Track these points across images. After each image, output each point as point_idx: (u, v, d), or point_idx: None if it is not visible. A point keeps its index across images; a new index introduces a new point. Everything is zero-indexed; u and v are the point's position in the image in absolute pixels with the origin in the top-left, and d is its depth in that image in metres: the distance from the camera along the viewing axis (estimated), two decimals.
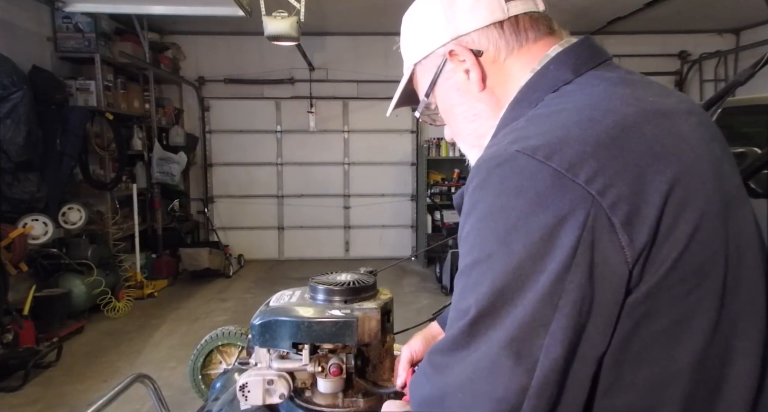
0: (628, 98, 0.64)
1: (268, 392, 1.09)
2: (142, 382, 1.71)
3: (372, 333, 1.09)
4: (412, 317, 1.19)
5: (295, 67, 7.50)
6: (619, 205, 0.54)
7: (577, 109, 0.63)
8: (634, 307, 0.56)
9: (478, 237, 0.60)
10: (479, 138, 0.79)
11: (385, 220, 8.01)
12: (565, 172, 0.55)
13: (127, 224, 5.94)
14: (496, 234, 0.58)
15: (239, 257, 7.39)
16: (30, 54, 4.87)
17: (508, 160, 0.59)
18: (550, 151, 0.57)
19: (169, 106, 7.30)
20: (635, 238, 0.55)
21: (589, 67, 0.71)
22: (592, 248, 0.54)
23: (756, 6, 5.16)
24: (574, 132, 0.59)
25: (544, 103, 0.68)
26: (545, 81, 0.71)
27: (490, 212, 0.59)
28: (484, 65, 0.76)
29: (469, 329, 0.57)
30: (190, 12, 4.98)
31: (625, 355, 0.57)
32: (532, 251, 0.55)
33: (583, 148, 0.57)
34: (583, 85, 0.68)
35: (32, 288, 4.25)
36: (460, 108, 0.80)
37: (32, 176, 4.51)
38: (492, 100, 0.77)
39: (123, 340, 4.57)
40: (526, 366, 0.54)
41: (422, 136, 7.78)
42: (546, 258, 0.55)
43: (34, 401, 3.46)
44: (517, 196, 0.57)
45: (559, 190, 0.55)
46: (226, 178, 7.86)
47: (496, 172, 0.60)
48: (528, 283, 0.55)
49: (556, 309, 0.54)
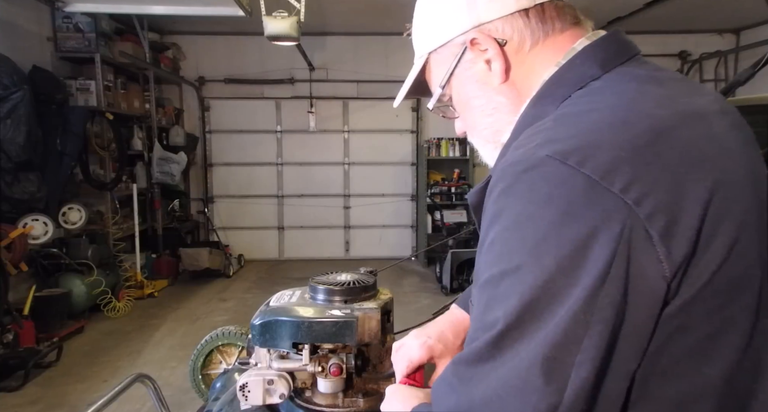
0: (662, 99, 0.61)
1: (268, 392, 1.09)
2: (142, 382, 1.71)
3: (372, 333, 1.09)
4: (412, 317, 1.19)
5: (295, 67, 7.50)
6: (656, 215, 0.51)
7: (609, 109, 0.59)
8: (667, 321, 0.54)
9: (506, 247, 0.57)
10: (496, 133, 0.76)
11: (385, 220, 8.01)
12: (599, 179, 0.52)
13: (127, 224, 5.94)
14: (524, 245, 0.55)
15: (239, 257, 7.39)
16: (30, 54, 4.87)
17: (537, 165, 0.55)
18: (582, 156, 0.54)
19: (169, 106, 7.30)
20: (674, 250, 0.52)
21: (618, 62, 0.67)
22: (628, 262, 0.51)
23: (756, 6, 5.16)
24: (607, 136, 0.55)
25: (571, 101, 0.64)
26: (571, 76, 0.67)
27: (518, 221, 0.56)
28: (509, 55, 0.71)
29: (495, 342, 0.55)
30: (190, 12, 4.98)
31: (655, 369, 0.55)
32: (563, 264, 0.52)
33: (617, 153, 0.53)
34: (613, 82, 0.64)
35: (32, 288, 4.25)
36: (477, 101, 0.76)
37: (32, 176, 4.51)
38: (513, 94, 0.73)
39: (123, 340, 4.57)
40: (557, 385, 0.52)
41: (422, 136, 7.78)
42: (578, 272, 0.52)
43: (34, 401, 3.46)
44: (547, 205, 0.54)
45: (592, 200, 0.52)
46: (226, 178, 7.86)
47: (524, 178, 0.56)
48: (559, 298, 0.52)
49: (589, 325, 0.51)
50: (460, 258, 5.89)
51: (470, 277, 5.87)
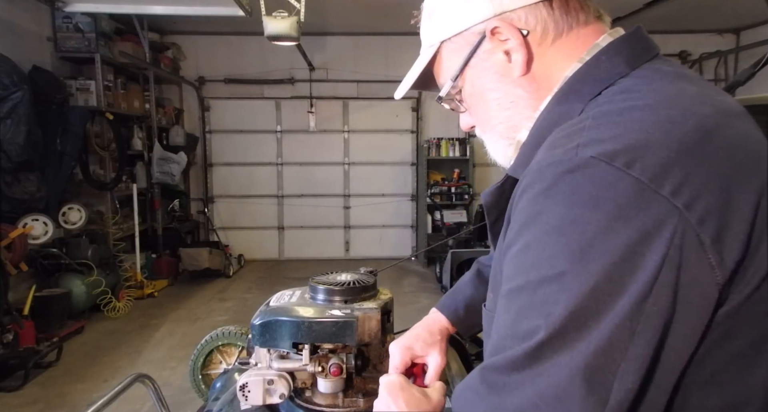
0: (699, 97, 0.58)
1: (268, 392, 1.09)
2: (143, 382, 1.71)
3: (372, 333, 1.09)
4: (412, 317, 1.18)
5: (295, 67, 7.50)
6: (708, 219, 0.49)
7: (651, 107, 0.56)
8: (713, 328, 0.52)
9: (545, 252, 0.54)
10: (511, 129, 0.72)
11: (385, 220, 8.01)
12: (648, 182, 0.50)
13: (127, 224, 5.94)
14: (569, 251, 0.52)
15: (239, 257, 7.39)
16: (30, 54, 4.87)
17: (582, 166, 0.53)
18: (630, 157, 0.51)
19: (169, 106, 7.30)
20: (726, 256, 0.50)
21: (644, 59, 0.64)
22: (679, 269, 0.49)
23: (756, 6, 5.16)
24: (654, 135, 0.53)
25: (605, 98, 0.61)
26: (598, 73, 0.64)
27: (561, 225, 0.53)
28: (531, 46, 0.68)
29: (535, 352, 0.52)
30: (190, 12, 4.98)
31: (697, 378, 0.53)
32: (612, 271, 0.50)
33: (666, 154, 0.51)
34: (645, 79, 0.61)
35: (32, 288, 4.25)
36: (494, 93, 0.72)
37: (32, 176, 4.51)
38: (532, 87, 0.69)
39: (123, 340, 4.57)
40: (600, 396, 0.49)
41: (422, 136, 7.78)
42: (626, 279, 0.49)
43: (34, 401, 3.46)
44: (593, 208, 0.51)
45: (641, 204, 0.50)
46: (226, 178, 7.86)
47: (567, 179, 0.53)
48: (606, 306, 0.50)
49: (635, 334, 0.49)
50: (460, 258, 5.88)
51: None
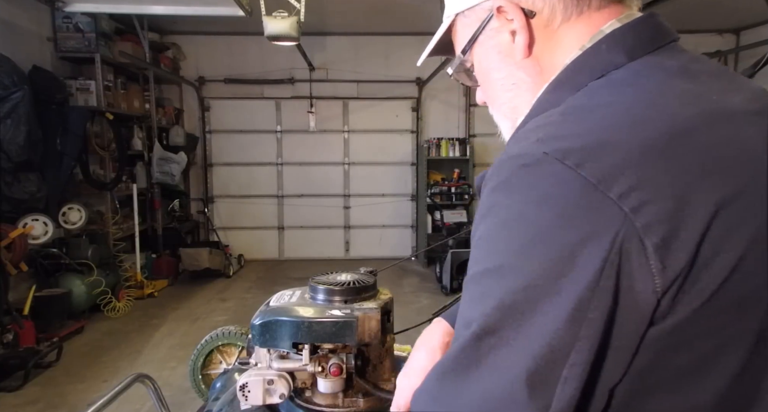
0: (688, 96, 0.55)
1: (268, 392, 1.09)
2: (142, 382, 1.71)
3: (372, 333, 1.09)
4: (412, 317, 1.18)
5: (295, 67, 7.50)
6: (654, 225, 0.48)
7: (625, 105, 0.55)
8: (657, 339, 0.50)
9: (492, 244, 0.54)
10: (514, 110, 0.71)
11: (385, 220, 8.01)
12: (597, 183, 0.49)
13: (127, 224, 5.94)
14: (511, 245, 0.52)
15: (239, 257, 7.39)
16: (30, 54, 4.87)
17: (536, 162, 0.52)
18: (583, 157, 0.50)
19: (169, 106, 7.31)
20: (669, 264, 0.48)
21: (648, 50, 0.60)
22: (619, 273, 0.48)
23: (756, 6, 5.16)
24: (617, 136, 0.51)
25: (587, 91, 0.59)
26: (594, 63, 0.61)
27: (508, 219, 0.53)
28: (534, 29, 0.65)
29: (473, 345, 0.52)
30: (190, 12, 4.99)
31: (642, 387, 0.52)
32: (549, 269, 0.49)
33: (623, 156, 0.49)
34: (637, 73, 0.59)
35: (32, 288, 4.26)
36: (498, 73, 0.71)
37: (32, 176, 4.51)
38: (535, 71, 0.67)
39: (123, 340, 4.57)
40: (543, 401, 0.49)
41: (422, 136, 7.78)
42: (563, 280, 0.49)
43: (34, 401, 3.46)
44: (541, 205, 0.51)
45: (587, 205, 0.49)
46: (226, 178, 7.86)
47: (521, 174, 0.53)
48: (541, 306, 0.49)
49: (577, 338, 0.48)
50: (460, 258, 5.88)
51: None
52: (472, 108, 7.84)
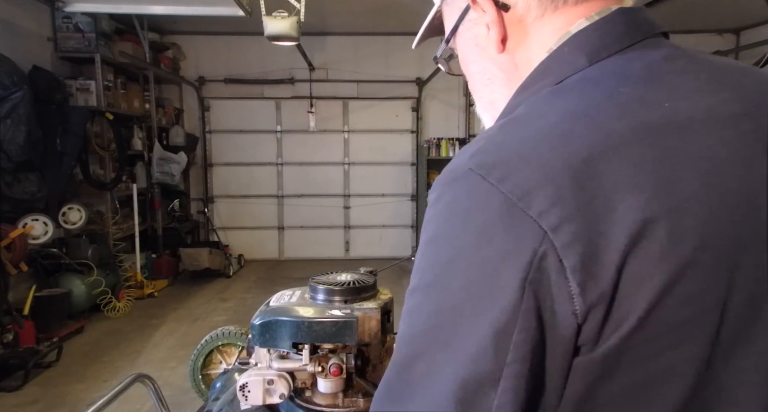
0: (631, 105, 0.51)
1: (268, 392, 1.09)
2: (142, 382, 1.71)
3: (372, 333, 1.09)
4: None
5: (295, 67, 7.50)
6: (573, 245, 0.45)
7: (556, 117, 0.51)
8: (588, 368, 0.47)
9: (422, 261, 0.52)
10: (492, 104, 0.69)
11: (385, 220, 8.01)
12: (516, 200, 0.46)
13: (127, 224, 5.94)
14: (437, 263, 0.50)
15: (239, 257, 7.39)
16: (30, 54, 4.87)
17: (461, 177, 0.50)
18: (504, 172, 0.48)
19: (169, 106, 7.30)
20: (588, 287, 0.45)
21: (613, 50, 0.56)
22: (540, 292, 0.45)
23: (756, 6, 5.16)
24: (540, 150, 0.48)
25: (534, 100, 0.57)
26: (554, 67, 0.58)
27: (436, 236, 0.51)
28: (508, 24, 0.61)
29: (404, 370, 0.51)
30: (190, 12, 4.99)
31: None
32: (471, 290, 0.47)
33: (543, 171, 0.47)
34: (585, 81, 0.55)
35: (32, 288, 4.25)
36: (475, 66, 0.68)
37: (32, 176, 4.51)
38: (509, 67, 0.64)
39: (123, 340, 4.57)
40: None
41: (422, 136, 7.78)
42: (485, 302, 0.46)
43: (34, 401, 3.46)
44: (463, 222, 0.49)
45: (507, 222, 0.46)
46: (226, 178, 7.86)
47: (448, 189, 0.51)
48: (465, 328, 0.47)
49: (504, 365, 0.45)
50: None
51: None
52: (472, 108, 7.83)
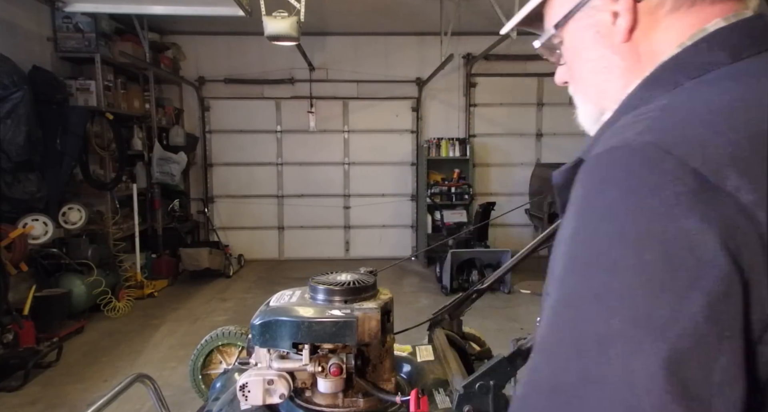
0: None
1: (268, 392, 1.09)
2: (143, 382, 1.71)
3: (372, 333, 1.09)
4: (412, 317, 1.18)
5: (295, 67, 7.50)
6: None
7: (724, 103, 0.52)
8: None
9: (596, 240, 0.49)
10: (600, 94, 0.68)
11: (385, 220, 8.01)
12: (709, 175, 0.46)
13: (127, 224, 5.94)
14: (623, 238, 0.47)
15: (239, 257, 7.39)
16: (30, 54, 4.87)
17: (638, 151, 0.49)
18: (691, 148, 0.48)
19: (169, 106, 7.31)
20: None
21: (752, 53, 0.56)
22: (741, 263, 0.44)
23: None
24: (719, 129, 0.49)
25: (686, 89, 0.56)
26: (693, 62, 0.58)
27: (613, 213, 0.49)
28: (640, 14, 0.61)
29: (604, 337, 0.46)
30: (190, 12, 4.99)
31: None
32: (672, 262, 0.45)
33: (731, 149, 0.47)
34: (741, 74, 0.55)
35: (32, 288, 4.25)
36: (590, 53, 0.67)
37: (32, 176, 4.51)
38: (632, 57, 0.64)
39: (123, 340, 4.57)
40: None
41: (422, 136, 7.78)
42: (692, 272, 0.44)
43: (34, 401, 3.46)
44: (650, 195, 0.47)
45: (703, 196, 0.46)
46: (226, 178, 7.86)
47: (622, 164, 0.50)
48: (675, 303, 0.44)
49: (722, 340, 0.44)
50: (460, 258, 5.89)
51: (470, 277, 5.88)
52: (472, 108, 7.84)
